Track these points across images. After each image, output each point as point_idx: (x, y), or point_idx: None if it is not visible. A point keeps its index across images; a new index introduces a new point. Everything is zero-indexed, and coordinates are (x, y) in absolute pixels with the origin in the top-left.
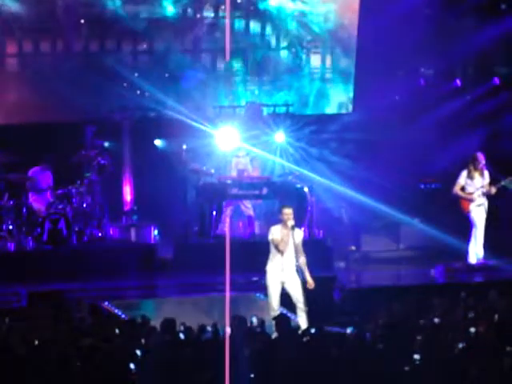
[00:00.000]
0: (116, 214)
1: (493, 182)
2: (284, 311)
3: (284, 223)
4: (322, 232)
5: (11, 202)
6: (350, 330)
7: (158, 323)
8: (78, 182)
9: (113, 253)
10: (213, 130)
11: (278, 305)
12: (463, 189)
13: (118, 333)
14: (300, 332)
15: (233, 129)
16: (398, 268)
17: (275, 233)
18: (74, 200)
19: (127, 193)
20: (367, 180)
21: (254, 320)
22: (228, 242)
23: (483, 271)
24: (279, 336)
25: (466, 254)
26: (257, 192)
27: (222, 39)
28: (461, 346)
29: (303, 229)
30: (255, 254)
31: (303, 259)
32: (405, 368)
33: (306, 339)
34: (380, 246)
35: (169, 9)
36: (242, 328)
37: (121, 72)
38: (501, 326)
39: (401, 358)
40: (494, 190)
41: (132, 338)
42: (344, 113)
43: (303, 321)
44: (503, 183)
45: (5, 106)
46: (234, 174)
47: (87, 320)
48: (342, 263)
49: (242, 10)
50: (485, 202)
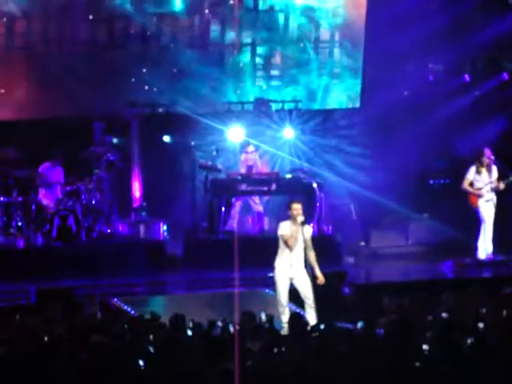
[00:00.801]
0: (125, 210)
1: (501, 177)
2: (293, 307)
3: (293, 219)
4: (330, 228)
5: (20, 199)
6: (359, 325)
7: (167, 319)
8: (87, 178)
9: (122, 249)
10: (221, 125)
11: (287, 301)
12: (472, 184)
13: (127, 329)
14: (309, 328)
15: (241, 125)
16: (407, 263)
17: (284, 228)
18: (83, 196)
19: (136, 189)
20: (376, 176)
21: (262, 316)
22: (237, 238)
23: (492, 266)
24: (288, 332)
25: (475, 249)
26: (266, 188)
27: (230, 34)
28: (469, 341)
29: (312, 224)
30: (264, 249)
31: (313, 255)
32: (415, 364)
33: (315, 335)
34: (389, 241)
35: (177, 4)
36: (250, 324)
37: (129, 67)
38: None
39: (410, 354)
40: (502, 186)
41: (141, 334)
42: (352, 108)
43: (312, 317)
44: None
45: (14, 101)
46: (243, 170)
47: (97, 316)
48: (351, 259)
49: (250, 5)
50: (493, 197)
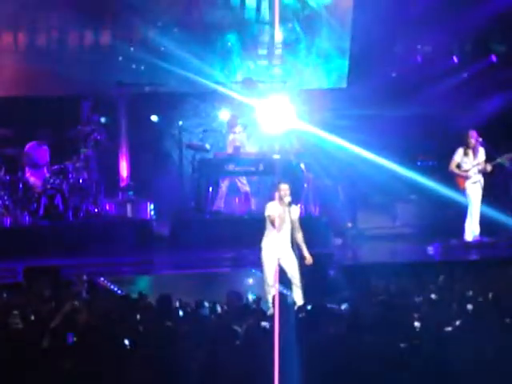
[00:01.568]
0: (112, 189)
1: (488, 159)
2: (280, 287)
3: (280, 199)
4: (318, 209)
5: (7, 177)
6: (344, 306)
7: (154, 299)
8: (74, 157)
9: (109, 228)
10: (209, 105)
11: (274, 280)
12: (459, 166)
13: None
14: (296, 308)
15: (229, 104)
16: (394, 245)
17: (271, 209)
18: (70, 175)
19: (123, 168)
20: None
21: (249, 296)
22: (224, 217)
23: (479, 248)
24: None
25: (462, 231)
26: (253, 168)
27: (218, 14)
28: (457, 323)
29: (300, 205)
30: (251, 230)
31: (300, 235)
32: (401, 345)
33: (301, 315)
34: (376, 223)
35: None
36: (237, 304)
37: (117, 46)
38: (496, 300)
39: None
40: (489, 168)
41: (127, 313)
42: (339, 88)
43: (298, 297)
44: (499, 160)
45: (0, 79)
46: (231, 150)
47: (83, 295)
48: (338, 240)
49: None
50: (481, 179)
